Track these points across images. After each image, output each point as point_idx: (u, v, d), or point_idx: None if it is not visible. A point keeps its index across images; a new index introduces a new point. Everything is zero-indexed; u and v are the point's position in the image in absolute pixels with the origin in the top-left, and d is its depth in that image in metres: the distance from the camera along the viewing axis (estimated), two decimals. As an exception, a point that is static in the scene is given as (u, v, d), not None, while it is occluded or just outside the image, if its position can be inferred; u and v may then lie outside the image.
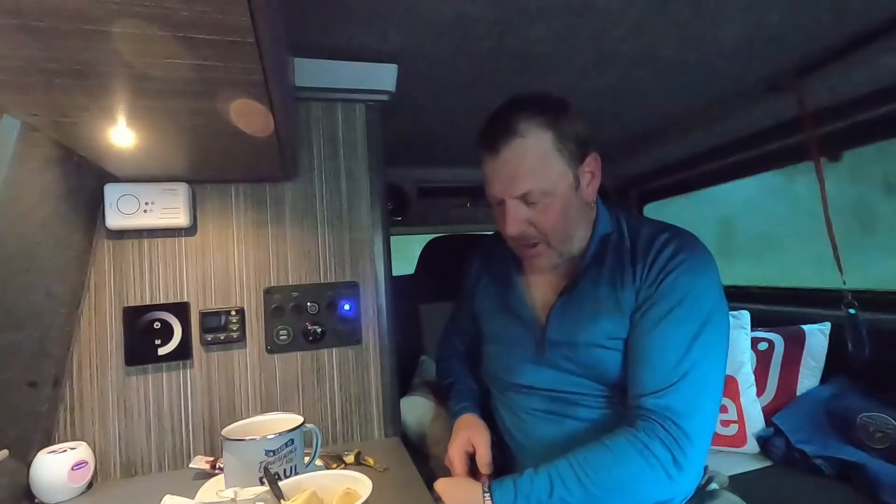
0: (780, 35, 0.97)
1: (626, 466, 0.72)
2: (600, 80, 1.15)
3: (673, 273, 0.79)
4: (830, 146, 1.35)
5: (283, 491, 0.58)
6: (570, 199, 0.83)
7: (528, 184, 0.79)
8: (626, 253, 0.86)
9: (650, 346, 0.78)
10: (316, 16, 0.83)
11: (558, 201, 0.81)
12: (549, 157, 0.80)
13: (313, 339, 0.96)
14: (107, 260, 0.88)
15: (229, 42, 0.41)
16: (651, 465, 0.71)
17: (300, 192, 0.99)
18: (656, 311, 0.79)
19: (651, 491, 0.72)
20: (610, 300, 0.83)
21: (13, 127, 0.64)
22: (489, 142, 0.82)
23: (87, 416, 0.86)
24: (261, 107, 0.56)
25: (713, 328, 0.78)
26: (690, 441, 0.72)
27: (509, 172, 0.80)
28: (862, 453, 1.17)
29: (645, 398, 0.76)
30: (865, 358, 1.25)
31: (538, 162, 0.79)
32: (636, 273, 0.83)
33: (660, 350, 0.77)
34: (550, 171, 0.80)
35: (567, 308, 0.87)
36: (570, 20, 0.88)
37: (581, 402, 0.86)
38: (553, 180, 0.80)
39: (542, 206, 0.81)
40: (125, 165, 0.80)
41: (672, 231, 0.85)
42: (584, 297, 0.86)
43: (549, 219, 0.82)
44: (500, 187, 0.82)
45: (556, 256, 0.87)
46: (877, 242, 1.79)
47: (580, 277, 0.87)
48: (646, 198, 2.20)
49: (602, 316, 0.83)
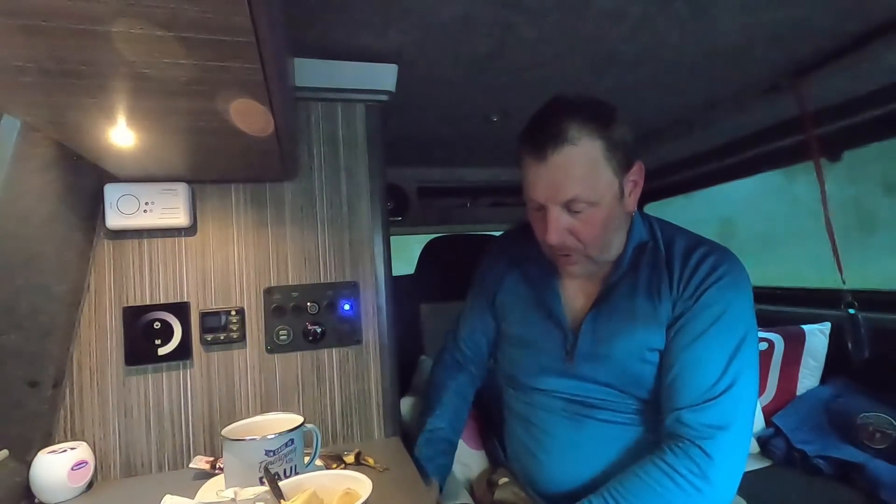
0: (780, 35, 0.97)
1: (657, 493, 0.72)
2: (600, 80, 1.15)
3: (712, 288, 0.78)
4: (830, 146, 1.35)
5: (283, 491, 0.58)
6: (614, 209, 0.80)
7: (575, 192, 0.76)
8: (662, 263, 0.84)
9: (689, 361, 0.77)
10: (316, 16, 0.83)
11: (603, 211, 0.78)
12: (598, 165, 0.76)
13: (313, 339, 0.96)
14: (107, 260, 0.88)
15: (229, 42, 0.41)
16: (679, 485, 0.71)
17: (300, 192, 0.99)
18: (695, 325, 0.77)
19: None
20: (647, 311, 0.82)
21: (13, 127, 0.64)
22: (536, 146, 0.77)
23: (87, 416, 0.86)
24: (261, 107, 0.56)
25: (750, 345, 0.77)
26: (724, 456, 0.72)
27: (556, 179, 0.76)
28: (862, 453, 1.17)
29: (681, 412, 0.75)
30: (865, 358, 1.25)
31: (587, 170, 0.76)
32: (673, 284, 0.81)
33: (700, 365, 0.76)
34: (599, 180, 0.77)
35: (601, 318, 0.85)
36: (571, 20, 0.88)
37: (603, 405, 0.85)
38: (600, 190, 0.77)
39: (585, 215, 0.78)
40: (125, 165, 0.79)
41: (709, 245, 0.84)
42: (619, 307, 0.84)
43: (591, 228, 0.79)
44: (545, 193, 0.78)
45: (592, 265, 0.85)
46: (877, 242, 1.79)
47: (615, 287, 0.85)
48: (646, 198, 2.20)
49: (639, 327, 0.81)
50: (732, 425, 0.73)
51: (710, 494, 0.72)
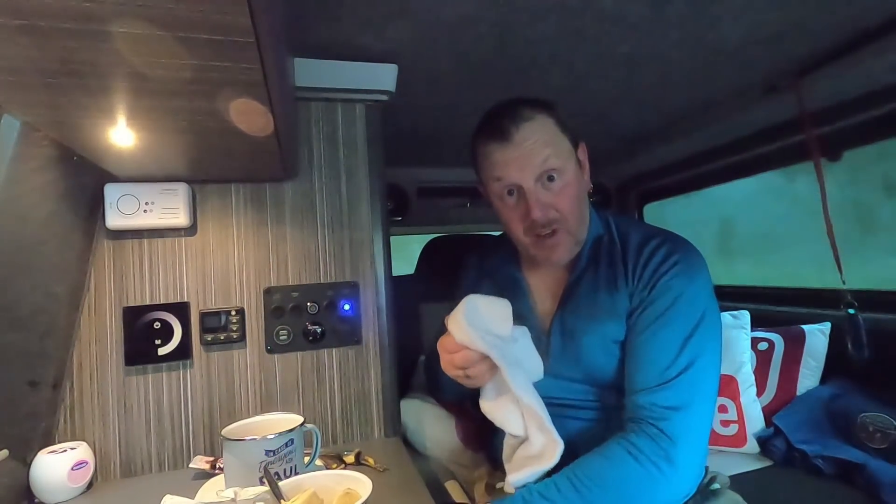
0: (779, 35, 0.97)
1: (618, 468, 0.73)
2: (600, 80, 1.15)
3: (666, 275, 0.80)
4: (830, 146, 1.35)
5: (283, 491, 0.58)
6: (580, 181, 0.85)
7: (549, 160, 0.80)
8: (618, 256, 0.86)
9: (644, 345, 0.79)
10: (316, 16, 0.83)
11: (572, 180, 0.83)
12: (556, 135, 0.83)
13: (313, 339, 0.96)
14: (107, 260, 0.88)
15: (229, 42, 0.41)
16: (641, 463, 0.72)
17: (300, 192, 0.99)
18: (651, 312, 0.79)
19: (647, 490, 0.72)
20: (607, 305, 0.84)
21: (13, 127, 0.64)
22: (497, 131, 0.82)
23: (87, 416, 0.86)
24: (261, 107, 0.56)
25: (706, 328, 0.78)
26: (684, 437, 0.73)
27: (526, 152, 0.80)
28: (862, 453, 1.17)
29: (637, 395, 0.77)
30: (865, 358, 1.24)
31: (550, 137, 0.82)
32: (628, 276, 0.83)
33: (654, 350, 0.78)
34: (561, 147, 0.83)
35: (567, 316, 0.87)
36: (570, 20, 0.88)
37: (584, 405, 0.86)
38: (565, 157, 0.83)
39: (558, 185, 0.82)
40: (125, 165, 0.80)
41: (663, 235, 0.86)
42: (582, 303, 0.86)
43: (567, 199, 0.82)
44: (519, 171, 0.81)
45: (574, 244, 0.87)
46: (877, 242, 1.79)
47: (577, 283, 0.87)
48: (646, 198, 2.20)
49: (602, 322, 0.83)
50: (690, 406, 0.74)
51: (673, 476, 0.72)
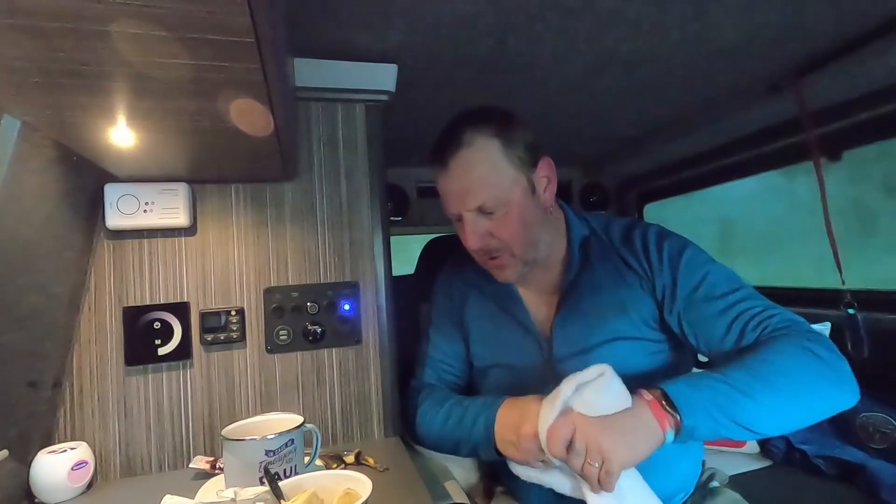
0: (780, 35, 0.97)
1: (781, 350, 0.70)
2: (600, 80, 1.15)
3: (670, 252, 0.84)
4: (830, 146, 1.35)
5: (283, 491, 0.58)
6: (527, 206, 0.81)
7: (482, 194, 0.78)
8: (611, 251, 0.86)
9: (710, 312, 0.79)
10: (316, 16, 0.83)
11: (515, 208, 0.80)
12: (498, 163, 0.79)
13: (313, 339, 0.96)
14: (107, 260, 0.88)
15: (229, 42, 0.41)
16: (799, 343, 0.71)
17: (300, 192, 0.99)
18: (683, 288, 0.81)
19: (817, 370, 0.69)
20: (614, 300, 0.83)
21: (13, 127, 0.64)
22: (438, 157, 0.81)
23: (87, 416, 0.86)
24: (261, 107, 0.56)
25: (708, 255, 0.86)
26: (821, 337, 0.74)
27: (461, 185, 0.79)
28: (862, 453, 1.17)
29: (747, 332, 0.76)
30: (864, 358, 1.25)
31: (488, 170, 0.78)
32: (640, 269, 0.83)
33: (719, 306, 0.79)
34: (501, 178, 0.79)
35: (569, 319, 0.85)
36: (570, 20, 0.88)
37: None
38: (505, 187, 0.79)
39: (499, 215, 0.80)
40: (125, 165, 0.80)
41: (632, 221, 0.91)
42: (584, 303, 0.85)
43: (509, 227, 0.80)
44: (455, 202, 0.81)
45: (522, 265, 0.85)
46: (877, 243, 1.79)
47: (574, 287, 0.86)
48: (646, 198, 2.20)
49: (609, 316, 0.83)
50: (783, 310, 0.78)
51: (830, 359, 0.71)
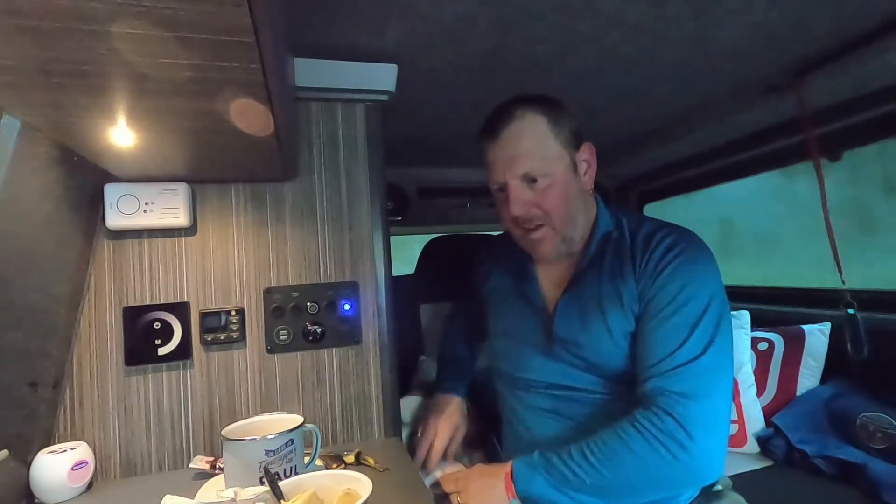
0: (779, 35, 0.97)
1: (631, 447, 0.74)
2: (600, 80, 1.15)
3: (670, 266, 0.82)
4: (830, 146, 1.35)
5: (283, 491, 0.58)
6: (570, 182, 0.87)
7: (529, 162, 0.83)
8: (626, 250, 0.87)
9: (652, 333, 0.80)
10: (316, 16, 0.83)
11: (559, 181, 0.85)
12: (545, 137, 0.85)
13: (313, 339, 0.96)
14: (107, 260, 0.88)
15: (229, 42, 0.41)
16: (653, 446, 0.72)
17: (300, 192, 0.98)
18: (658, 301, 0.81)
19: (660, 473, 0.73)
20: (612, 296, 0.85)
21: (13, 127, 0.64)
22: (489, 129, 0.87)
23: (87, 416, 0.86)
24: (261, 107, 0.56)
25: (712, 318, 0.79)
26: (697, 426, 0.73)
27: (509, 153, 0.85)
28: (862, 453, 1.17)
29: (648, 382, 0.78)
30: (864, 358, 1.25)
31: (536, 141, 0.84)
32: (635, 267, 0.85)
33: (661, 337, 0.79)
34: (548, 150, 0.85)
35: (571, 304, 0.89)
36: (570, 20, 0.88)
37: (585, 399, 0.87)
38: (551, 159, 0.85)
39: (543, 185, 0.84)
40: (125, 165, 0.79)
41: (670, 227, 0.88)
42: (587, 293, 0.88)
43: (551, 198, 0.84)
44: (502, 169, 0.85)
45: (560, 241, 0.88)
46: (876, 243, 1.79)
47: (583, 274, 0.89)
48: (646, 198, 2.20)
49: (606, 311, 0.85)
50: (702, 396, 0.74)
51: (690, 464, 0.72)
